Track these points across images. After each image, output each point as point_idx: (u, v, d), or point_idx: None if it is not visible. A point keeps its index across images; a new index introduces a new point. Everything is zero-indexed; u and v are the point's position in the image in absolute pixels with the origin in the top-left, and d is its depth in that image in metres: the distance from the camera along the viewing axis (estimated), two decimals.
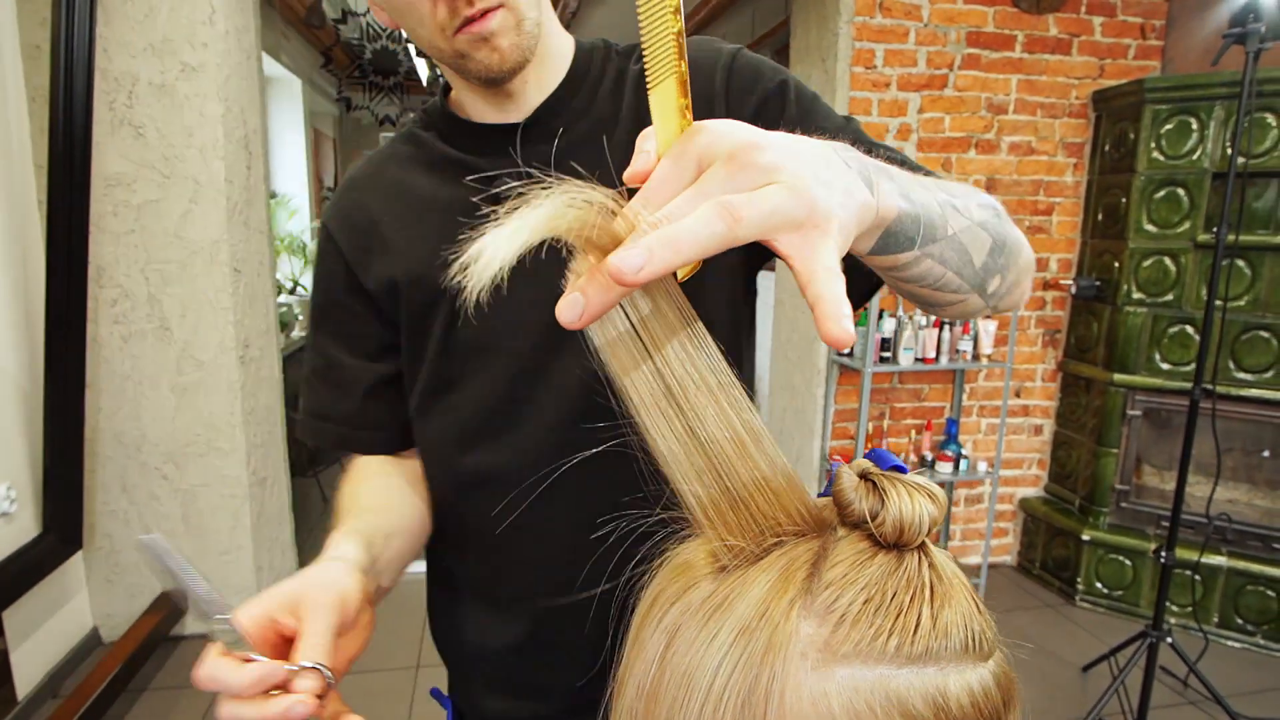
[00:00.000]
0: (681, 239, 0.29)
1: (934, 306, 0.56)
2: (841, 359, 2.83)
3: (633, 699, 0.33)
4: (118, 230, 2.28)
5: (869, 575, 0.31)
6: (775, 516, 0.34)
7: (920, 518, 0.32)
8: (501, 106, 0.70)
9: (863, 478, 0.34)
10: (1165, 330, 2.68)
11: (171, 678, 2.35)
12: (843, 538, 0.33)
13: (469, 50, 0.62)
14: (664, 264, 0.29)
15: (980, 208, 0.53)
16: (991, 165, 2.88)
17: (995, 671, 0.32)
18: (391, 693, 2.28)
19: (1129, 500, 2.83)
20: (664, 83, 0.33)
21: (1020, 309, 1.25)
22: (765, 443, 0.34)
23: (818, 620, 0.30)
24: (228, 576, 2.55)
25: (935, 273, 0.49)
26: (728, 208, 0.30)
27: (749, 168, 0.32)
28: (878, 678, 0.29)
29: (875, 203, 0.38)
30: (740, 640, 0.30)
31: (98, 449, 2.37)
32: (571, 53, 0.73)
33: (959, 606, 0.32)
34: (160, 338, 2.36)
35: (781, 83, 0.68)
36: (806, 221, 0.32)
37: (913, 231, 0.43)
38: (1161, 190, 2.63)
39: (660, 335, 0.34)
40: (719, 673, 0.30)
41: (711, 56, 0.69)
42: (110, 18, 2.16)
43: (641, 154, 0.35)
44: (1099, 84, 2.87)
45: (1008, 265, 0.56)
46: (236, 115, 2.39)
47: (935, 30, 2.74)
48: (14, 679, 2.06)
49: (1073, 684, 2.38)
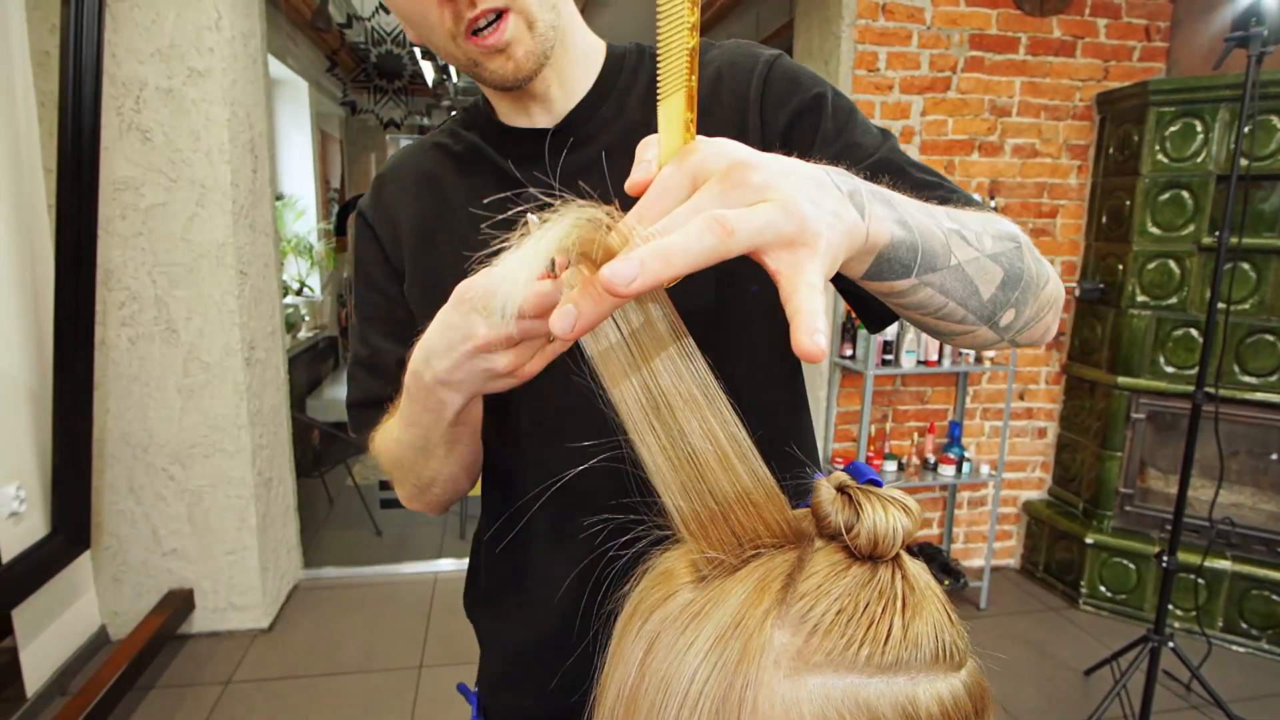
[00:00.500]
0: (674, 251, 0.30)
1: (941, 335, 0.55)
2: (844, 361, 2.84)
3: (613, 703, 0.34)
4: (125, 233, 2.30)
5: (843, 586, 0.32)
6: (755, 528, 0.35)
7: (894, 530, 0.33)
8: (528, 110, 0.70)
9: (840, 491, 0.35)
10: (1169, 333, 2.67)
11: (178, 675, 2.37)
12: (819, 549, 0.34)
13: (482, 60, 0.62)
14: (655, 276, 0.30)
15: (996, 240, 0.52)
16: (995, 168, 2.87)
17: (967, 681, 0.33)
18: (393, 692, 2.30)
19: (1133, 504, 2.83)
20: (673, 96, 0.34)
21: (1045, 343, 1.24)
22: (748, 456, 0.35)
23: (791, 629, 0.31)
24: (233, 576, 2.57)
25: (936, 301, 0.48)
26: (720, 222, 0.31)
27: (742, 186, 0.33)
28: (848, 686, 0.30)
29: (865, 227, 0.39)
30: (716, 648, 0.31)
31: (105, 449, 2.40)
32: (602, 55, 0.72)
33: (930, 617, 0.33)
34: (167, 340, 2.38)
35: (818, 95, 0.67)
36: (796, 239, 0.33)
37: (909, 259, 0.43)
38: (1166, 193, 2.62)
39: (650, 348, 0.35)
40: (695, 679, 0.31)
41: (749, 62, 0.68)
42: (118, 24, 2.18)
43: (642, 164, 0.36)
44: (1103, 86, 2.87)
45: (1024, 300, 0.55)
46: (242, 119, 2.41)
47: (938, 33, 2.74)
48: (23, 676, 2.08)
49: (1075, 687, 2.38)
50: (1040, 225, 2.95)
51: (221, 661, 2.45)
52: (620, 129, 0.69)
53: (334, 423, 3.92)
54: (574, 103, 0.70)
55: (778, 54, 0.69)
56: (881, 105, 2.76)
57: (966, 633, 0.35)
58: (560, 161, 0.67)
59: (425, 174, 0.75)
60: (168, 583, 2.54)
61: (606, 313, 0.32)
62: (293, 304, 4.51)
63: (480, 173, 0.72)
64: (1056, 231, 2.97)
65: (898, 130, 2.78)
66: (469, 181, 0.72)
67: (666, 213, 0.33)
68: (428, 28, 0.62)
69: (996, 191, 2.89)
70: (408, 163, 0.77)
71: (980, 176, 2.87)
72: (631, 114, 0.70)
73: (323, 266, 5.32)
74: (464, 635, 2.60)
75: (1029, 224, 2.94)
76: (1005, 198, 2.90)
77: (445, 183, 0.73)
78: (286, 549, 2.85)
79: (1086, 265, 2.97)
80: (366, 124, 5.67)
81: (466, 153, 0.73)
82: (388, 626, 2.68)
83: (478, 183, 0.71)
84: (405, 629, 2.67)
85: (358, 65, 4.55)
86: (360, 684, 2.36)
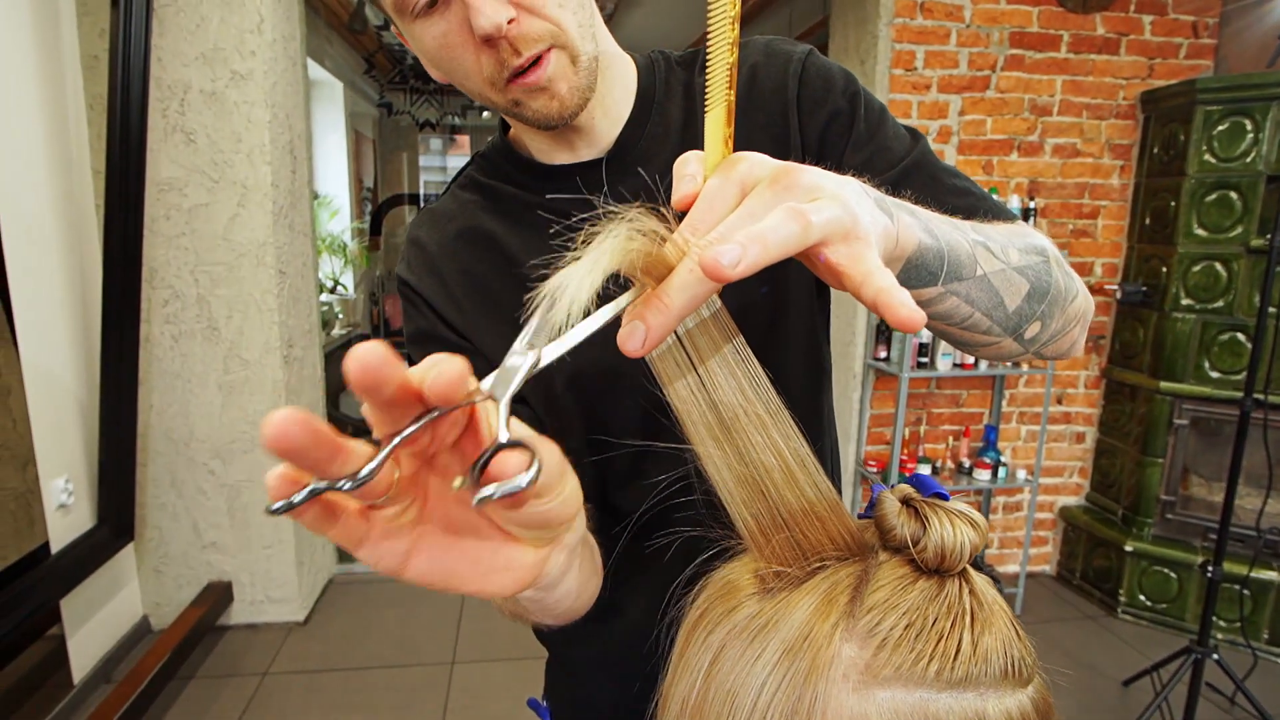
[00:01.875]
0: (767, 236, 0.31)
1: (966, 346, 0.55)
2: (877, 363, 2.81)
3: (677, 712, 0.34)
4: (169, 233, 2.36)
5: (910, 600, 0.32)
6: (819, 540, 0.35)
7: (962, 545, 0.33)
8: (571, 144, 0.67)
9: (905, 504, 0.35)
10: (1215, 337, 2.60)
11: (217, 666, 2.42)
12: (884, 562, 0.34)
13: (525, 99, 0.59)
14: (755, 260, 0.30)
15: (1023, 253, 0.52)
16: (1035, 168, 2.82)
17: (1034, 697, 0.33)
18: (426, 687, 2.33)
19: (1175, 511, 2.76)
20: (716, 109, 0.35)
21: (1073, 357, 1.21)
22: (810, 468, 0.35)
23: (859, 643, 0.31)
24: (270, 570, 2.62)
25: (962, 311, 0.49)
26: (799, 212, 0.32)
27: (793, 188, 0.33)
28: (918, 701, 0.30)
29: (895, 230, 0.40)
30: (784, 660, 0.31)
31: (149, 444, 2.46)
32: (632, 70, 0.69)
33: (999, 633, 0.32)
34: (208, 337, 2.44)
35: (853, 96, 0.66)
36: (852, 232, 0.34)
37: (935, 267, 0.44)
38: (1213, 193, 2.55)
39: (712, 362, 0.35)
40: (763, 691, 0.31)
41: (783, 61, 0.67)
42: (164, 28, 2.23)
43: (685, 179, 0.36)
44: (1148, 84, 2.80)
45: (1050, 313, 0.54)
46: (282, 121, 2.45)
47: (977, 31, 2.70)
48: (70, 664, 2.14)
49: (1113, 698, 2.33)
50: (1081, 226, 2.89)
51: (259, 653, 2.50)
52: (671, 145, 0.67)
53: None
54: (617, 128, 0.67)
55: (809, 50, 0.68)
56: (919, 105, 2.72)
57: (1033, 648, 0.34)
58: (618, 191, 0.65)
59: (469, 230, 0.69)
60: (207, 575, 2.59)
61: (672, 326, 0.32)
62: (327, 302, 4.59)
63: (533, 224, 0.66)
64: (1098, 233, 2.91)
65: (935, 130, 2.74)
66: (523, 236, 0.67)
67: (719, 221, 0.33)
68: (462, 74, 0.59)
69: (1036, 192, 2.84)
70: (443, 219, 0.71)
71: (1019, 176, 2.82)
72: (675, 127, 0.68)
73: (356, 265, 5.39)
74: (495, 633, 2.63)
75: (1069, 225, 2.88)
76: (1045, 198, 2.85)
77: (499, 239, 0.68)
78: (321, 544, 2.90)
79: (1128, 267, 2.90)
80: (399, 124, 5.73)
81: (512, 204, 0.68)
82: (420, 622, 2.72)
83: (531, 236, 0.66)
84: (437, 625, 2.69)
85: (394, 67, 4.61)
86: (393, 678, 2.39)
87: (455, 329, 0.67)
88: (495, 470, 0.25)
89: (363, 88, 5.19)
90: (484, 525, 0.30)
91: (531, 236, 0.66)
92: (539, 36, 0.56)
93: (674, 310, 0.31)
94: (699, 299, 0.32)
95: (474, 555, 0.30)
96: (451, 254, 0.69)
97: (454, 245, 0.69)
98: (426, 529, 0.30)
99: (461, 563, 0.30)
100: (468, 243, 0.69)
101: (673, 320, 0.32)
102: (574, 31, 0.58)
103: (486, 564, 0.30)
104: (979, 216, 0.56)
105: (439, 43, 0.57)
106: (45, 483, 2.04)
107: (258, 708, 2.22)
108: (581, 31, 0.59)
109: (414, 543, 0.30)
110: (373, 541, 0.29)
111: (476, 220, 0.69)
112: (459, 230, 0.69)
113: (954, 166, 0.66)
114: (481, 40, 0.55)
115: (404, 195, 5.89)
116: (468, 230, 0.69)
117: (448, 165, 6.34)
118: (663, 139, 0.67)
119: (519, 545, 0.31)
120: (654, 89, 0.68)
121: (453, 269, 0.68)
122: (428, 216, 0.72)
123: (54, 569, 2.03)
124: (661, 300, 0.31)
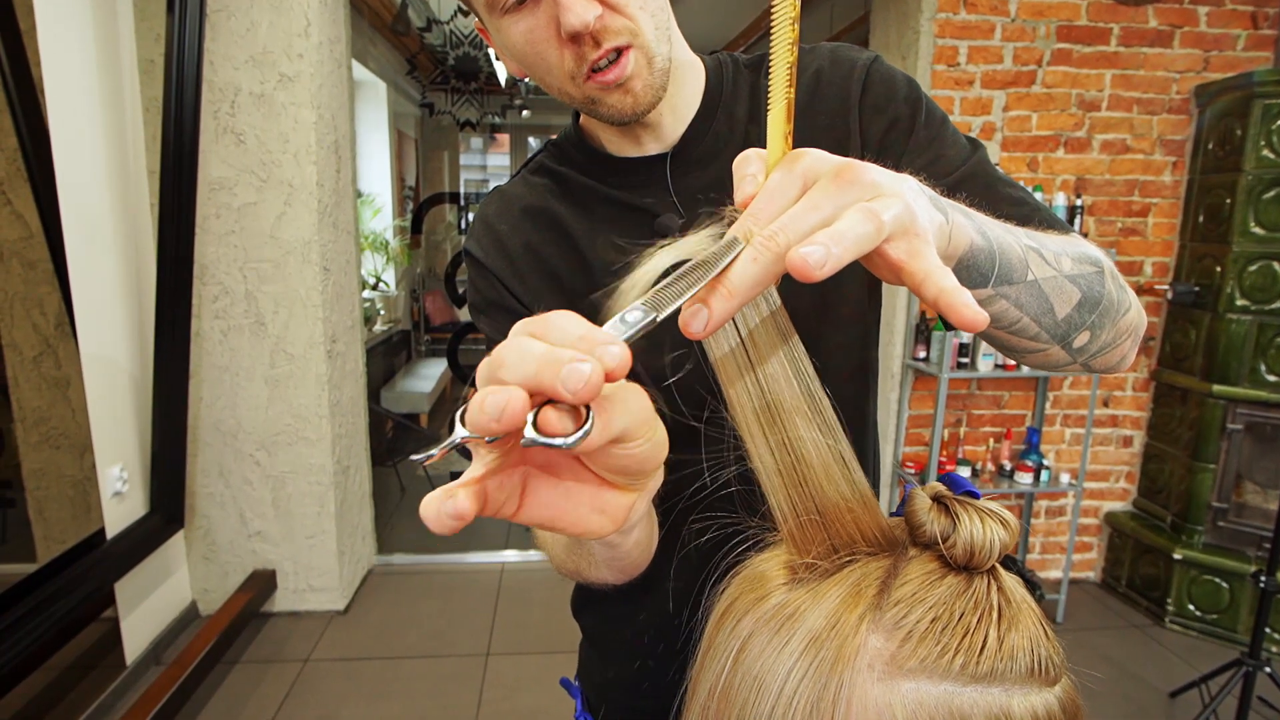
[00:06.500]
0: (847, 236, 0.31)
1: (1012, 351, 0.55)
2: (916, 364, 2.77)
3: (705, 699, 0.35)
4: (219, 231, 2.43)
5: (938, 595, 0.32)
6: (851, 534, 0.35)
7: (991, 542, 0.33)
8: (638, 139, 0.69)
9: (935, 500, 0.35)
10: (1272, 339, 2.51)
11: (261, 651, 2.50)
12: (914, 557, 0.35)
13: (601, 96, 0.61)
14: (839, 259, 0.31)
15: (1076, 262, 0.52)
16: (1082, 165, 2.75)
17: (1061, 697, 0.33)
18: (461, 677, 2.37)
19: (1227, 519, 2.67)
20: (776, 107, 0.36)
21: (1121, 372, 1.18)
22: (849, 464, 0.35)
23: (886, 634, 0.31)
24: (312, 559, 2.69)
25: (1011, 315, 0.49)
26: (873, 211, 0.32)
27: (856, 184, 0.34)
28: (942, 694, 0.30)
29: (949, 228, 0.40)
30: (811, 649, 0.31)
31: (198, 435, 2.54)
32: (700, 70, 0.72)
33: (1026, 631, 0.32)
34: (256, 332, 2.51)
35: (914, 102, 0.67)
36: (912, 229, 0.34)
37: (986, 268, 0.44)
38: (1271, 190, 2.46)
39: (767, 356, 0.36)
40: (789, 679, 0.31)
41: (848, 66, 0.69)
42: (216, 33, 2.31)
43: (747, 178, 0.37)
44: (1203, 78, 2.71)
45: (1100, 324, 0.54)
46: (328, 121, 2.51)
47: (1023, 25, 2.64)
48: (123, 645, 2.23)
49: (1159, 710, 2.26)
50: (1130, 224, 2.82)
51: (300, 640, 2.57)
52: (735, 144, 0.68)
53: (406, 414, 4.05)
54: (684, 125, 0.70)
55: (874, 56, 0.69)
56: (961, 101, 2.68)
57: (1063, 649, 0.34)
58: (681, 186, 0.67)
59: (536, 209, 0.73)
60: (252, 563, 2.67)
61: (734, 312, 0.33)
62: (368, 299, 4.68)
63: (596, 212, 0.71)
64: (1148, 231, 2.83)
65: (978, 127, 2.69)
66: (588, 222, 0.71)
67: (781, 213, 0.34)
68: (544, 69, 0.61)
69: (1083, 189, 2.77)
70: (512, 199, 0.74)
71: (1066, 174, 2.76)
72: (739, 126, 0.70)
73: (398, 262, 5.49)
74: (529, 625, 2.66)
75: (1118, 223, 2.81)
76: (1092, 195, 2.78)
77: (564, 221, 0.71)
78: (362, 535, 2.96)
79: (1180, 266, 2.81)
80: (440, 123, 5.81)
81: (579, 191, 0.72)
82: (456, 613, 2.76)
83: (594, 223, 0.70)
84: (473, 616, 2.74)
85: (436, 67, 4.68)
86: (430, 668, 2.43)
87: (518, 299, 0.71)
88: (542, 423, 0.28)
89: (405, 88, 5.27)
90: (583, 471, 0.34)
91: (595, 223, 0.70)
92: (619, 31, 0.59)
93: (737, 296, 0.32)
94: (760, 286, 0.33)
95: (575, 499, 0.34)
96: (517, 229, 0.72)
97: (520, 221, 0.73)
98: (534, 475, 0.33)
99: (564, 505, 0.34)
100: (534, 220, 0.72)
101: (735, 306, 0.33)
102: (651, 33, 0.60)
103: (587, 506, 0.34)
104: (1033, 225, 0.56)
105: (526, 38, 0.60)
106: (102, 470, 2.13)
107: (300, 692, 2.28)
108: (658, 34, 0.61)
109: (525, 488, 0.33)
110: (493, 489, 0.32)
111: (545, 202, 0.73)
112: (525, 208, 0.73)
113: (1011, 177, 0.66)
114: (568, 37, 0.57)
115: (445, 194, 5.97)
116: (534, 209, 0.73)
117: (488, 164, 6.40)
118: (727, 138, 0.69)
119: (613, 489, 0.34)
120: (721, 89, 0.71)
121: (517, 243, 0.72)
122: (497, 196, 0.76)
123: (109, 553, 2.11)
124: (725, 287, 0.32)
